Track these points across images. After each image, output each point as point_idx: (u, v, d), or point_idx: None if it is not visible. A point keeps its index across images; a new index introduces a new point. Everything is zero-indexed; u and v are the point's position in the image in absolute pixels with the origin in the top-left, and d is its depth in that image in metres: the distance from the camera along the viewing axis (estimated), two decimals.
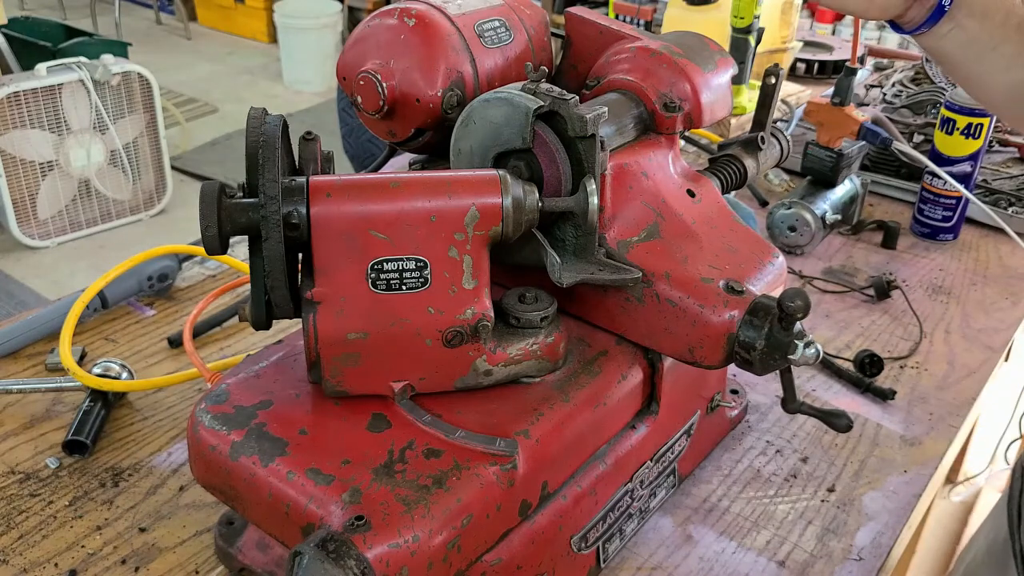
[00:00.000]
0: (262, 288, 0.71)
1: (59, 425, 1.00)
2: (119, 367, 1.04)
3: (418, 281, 0.70)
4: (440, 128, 0.85)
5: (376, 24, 0.85)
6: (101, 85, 3.37)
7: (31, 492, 0.91)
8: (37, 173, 3.40)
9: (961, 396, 1.12)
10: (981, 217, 1.45)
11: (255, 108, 0.72)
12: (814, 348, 0.73)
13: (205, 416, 0.73)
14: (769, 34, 1.78)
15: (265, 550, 0.81)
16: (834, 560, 0.88)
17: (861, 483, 0.97)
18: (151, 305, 1.22)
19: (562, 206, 0.75)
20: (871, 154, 1.59)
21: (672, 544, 0.89)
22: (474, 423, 0.72)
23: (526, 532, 0.75)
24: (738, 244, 0.85)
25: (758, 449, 1.02)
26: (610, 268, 0.78)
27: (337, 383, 0.72)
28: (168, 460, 0.96)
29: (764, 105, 0.97)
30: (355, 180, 0.71)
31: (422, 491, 0.66)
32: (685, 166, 0.90)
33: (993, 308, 1.30)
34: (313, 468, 0.67)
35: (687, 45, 0.90)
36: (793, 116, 1.65)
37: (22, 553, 0.84)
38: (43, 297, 3.19)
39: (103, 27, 5.73)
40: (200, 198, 0.68)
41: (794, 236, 1.37)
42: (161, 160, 3.74)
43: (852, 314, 1.27)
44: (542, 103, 0.74)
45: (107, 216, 3.67)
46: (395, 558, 0.62)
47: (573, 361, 0.80)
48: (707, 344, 0.78)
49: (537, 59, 0.91)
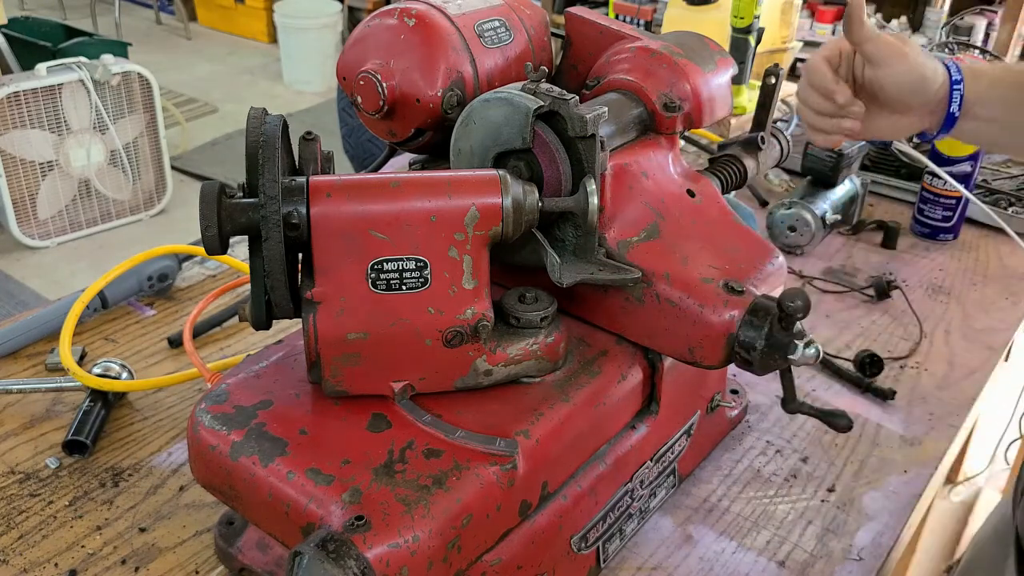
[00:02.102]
0: (262, 288, 0.71)
1: (59, 425, 1.00)
2: (119, 367, 1.04)
3: (418, 281, 0.70)
4: (440, 128, 0.85)
5: (376, 24, 0.85)
6: (101, 85, 3.37)
7: (31, 492, 0.91)
8: (37, 173, 3.39)
9: (961, 396, 1.12)
10: (981, 217, 1.45)
11: (255, 108, 0.72)
12: (814, 348, 0.73)
13: (205, 416, 0.73)
14: (769, 34, 1.78)
15: (265, 550, 0.81)
16: (834, 560, 0.88)
17: (861, 483, 0.97)
18: (151, 305, 1.22)
19: (562, 206, 0.75)
20: (871, 154, 1.59)
21: (672, 544, 0.89)
22: (474, 423, 0.72)
23: (526, 532, 0.75)
24: (738, 244, 0.85)
25: (758, 449, 1.02)
26: (610, 268, 0.78)
27: (337, 383, 0.72)
28: (168, 460, 0.96)
29: (764, 105, 0.97)
30: (355, 180, 0.71)
31: (422, 491, 0.66)
32: (685, 166, 0.90)
33: (993, 308, 1.30)
34: (313, 468, 0.67)
35: (687, 45, 0.90)
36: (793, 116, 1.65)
37: (22, 553, 0.84)
38: (43, 297, 3.19)
39: (103, 27, 5.73)
40: (200, 198, 0.68)
41: (794, 236, 1.37)
42: (161, 160, 3.73)
43: (852, 314, 1.27)
44: (542, 103, 0.74)
45: (107, 216, 3.67)
46: (395, 558, 0.62)
47: (573, 361, 0.80)
48: (707, 344, 0.78)
49: (537, 59, 0.91)
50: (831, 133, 0.94)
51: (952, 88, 0.91)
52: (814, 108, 0.93)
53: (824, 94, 0.92)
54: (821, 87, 0.91)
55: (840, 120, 0.93)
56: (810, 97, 0.93)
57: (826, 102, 0.92)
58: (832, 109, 0.92)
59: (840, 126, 0.93)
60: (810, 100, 0.93)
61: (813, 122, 0.95)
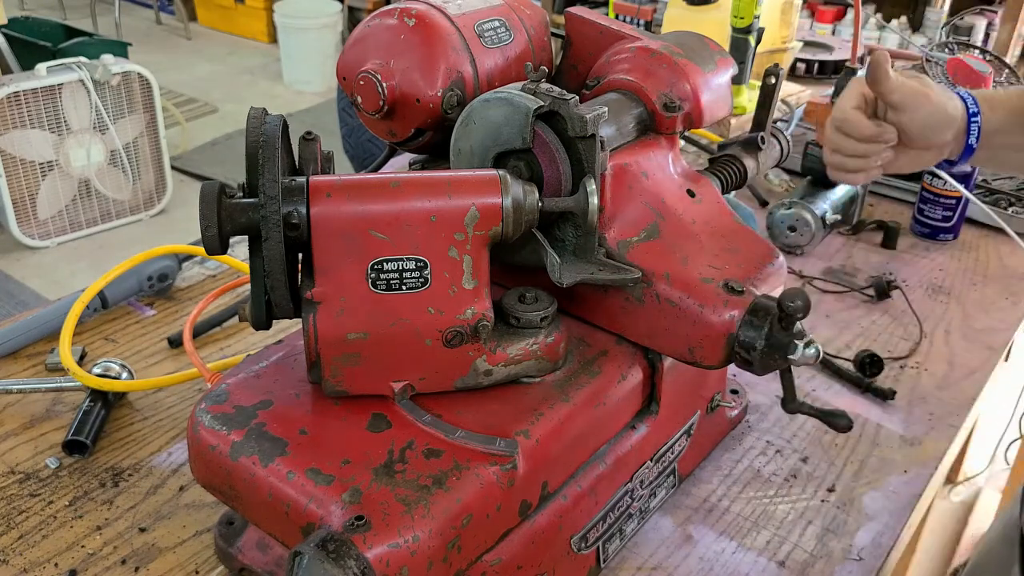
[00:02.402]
0: (262, 288, 0.71)
1: (59, 425, 1.00)
2: (119, 367, 1.04)
3: (418, 281, 0.70)
4: (440, 128, 0.85)
5: (376, 24, 0.85)
6: (101, 85, 3.37)
7: (31, 492, 0.91)
8: (37, 173, 3.39)
9: (961, 396, 1.12)
10: (981, 217, 1.45)
11: (255, 108, 0.72)
12: (814, 348, 0.73)
13: (205, 416, 0.73)
14: (769, 34, 1.78)
15: (265, 550, 0.81)
16: (834, 560, 0.88)
17: (861, 483, 0.98)
18: (151, 305, 1.22)
19: (562, 206, 0.75)
20: None
21: (672, 544, 0.89)
22: (474, 423, 0.72)
23: (526, 532, 0.75)
24: (738, 244, 0.85)
25: (758, 449, 1.02)
26: (610, 268, 0.78)
27: (337, 383, 0.72)
28: (168, 460, 0.96)
29: (764, 105, 0.97)
30: (355, 180, 0.71)
31: (422, 491, 0.66)
32: (685, 166, 0.90)
33: (993, 308, 1.30)
34: (313, 468, 0.67)
35: (687, 45, 0.90)
36: (793, 116, 1.65)
37: (22, 553, 0.84)
38: (43, 297, 3.19)
39: (103, 27, 5.73)
40: (200, 198, 0.68)
41: (794, 236, 1.37)
42: (161, 160, 3.73)
43: (852, 314, 1.27)
44: (542, 103, 0.74)
45: (107, 216, 3.67)
46: (395, 558, 0.62)
47: (573, 361, 0.80)
48: (707, 344, 0.78)
49: (537, 59, 0.91)
50: (868, 170, 0.97)
51: (970, 121, 0.94)
52: (851, 154, 0.96)
53: (868, 140, 0.94)
54: (862, 135, 0.94)
55: (876, 156, 0.95)
56: (847, 146, 0.96)
57: (862, 145, 0.94)
58: (873, 150, 0.95)
59: (880, 159, 0.96)
60: (847, 148, 0.96)
61: (847, 166, 0.97)
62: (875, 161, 0.96)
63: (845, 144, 0.95)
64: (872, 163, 0.96)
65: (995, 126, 0.94)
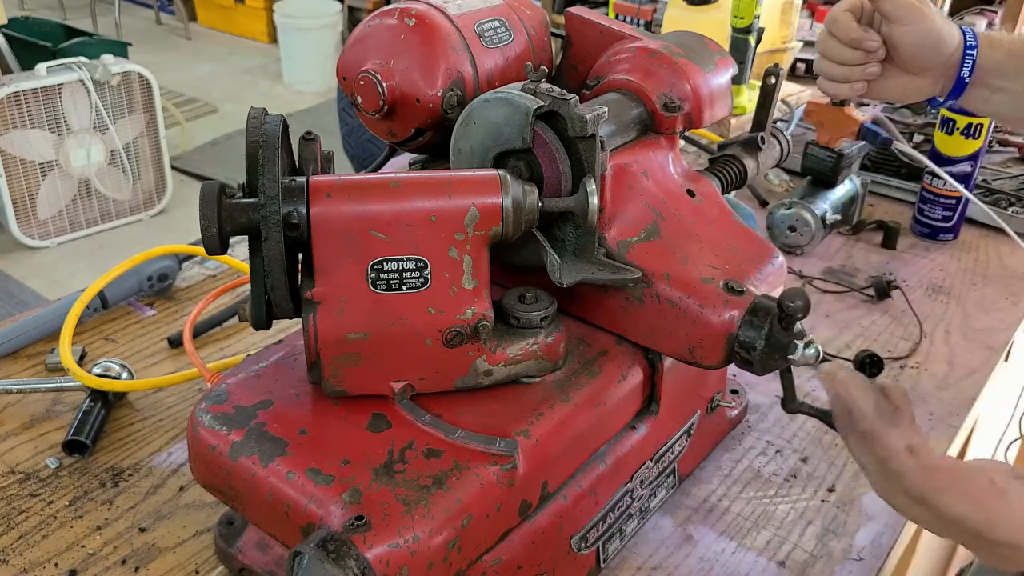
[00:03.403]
0: (262, 288, 0.71)
1: (59, 425, 1.00)
2: (119, 367, 1.04)
3: (418, 281, 0.70)
4: (440, 128, 0.85)
5: (376, 24, 0.85)
6: (101, 85, 3.37)
7: (31, 492, 0.91)
8: (37, 173, 3.39)
9: (961, 396, 1.12)
10: (981, 217, 1.45)
11: (255, 108, 0.72)
12: (814, 348, 0.73)
13: (205, 416, 0.73)
14: (769, 34, 1.78)
15: (265, 550, 0.81)
16: (834, 560, 0.88)
17: (861, 483, 0.97)
18: (151, 305, 1.22)
19: (562, 206, 0.75)
20: (871, 154, 1.59)
21: (672, 544, 0.89)
22: (474, 423, 0.72)
23: (526, 532, 0.75)
24: (738, 244, 0.85)
25: (758, 449, 1.02)
26: (610, 268, 0.78)
27: (337, 383, 0.72)
28: (168, 460, 0.96)
29: (764, 105, 0.97)
30: (355, 180, 0.71)
31: (422, 491, 0.66)
32: (685, 166, 0.90)
33: (993, 308, 1.30)
34: (313, 468, 0.67)
35: (687, 45, 0.90)
36: (793, 116, 1.65)
37: (22, 553, 0.84)
38: (43, 297, 3.19)
39: (103, 27, 5.73)
40: (200, 198, 0.68)
41: (794, 236, 1.37)
42: (161, 160, 3.73)
43: (852, 314, 1.27)
44: (542, 103, 0.74)
45: (107, 216, 3.67)
46: (395, 558, 0.62)
47: (573, 361, 0.80)
48: (707, 344, 0.78)
49: (537, 59, 0.91)
50: (853, 81, 0.94)
51: (965, 53, 0.91)
52: (837, 59, 0.93)
53: (851, 43, 0.91)
54: (847, 36, 0.91)
55: (863, 67, 0.93)
56: (833, 48, 0.93)
57: (850, 51, 0.92)
58: (858, 58, 0.92)
59: (865, 72, 0.93)
60: (833, 52, 0.93)
61: (833, 73, 0.95)
62: (859, 72, 0.93)
63: (832, 48, 0.93)
64: (856, 73, 0.93)
65: (991, 65, 0.91)
